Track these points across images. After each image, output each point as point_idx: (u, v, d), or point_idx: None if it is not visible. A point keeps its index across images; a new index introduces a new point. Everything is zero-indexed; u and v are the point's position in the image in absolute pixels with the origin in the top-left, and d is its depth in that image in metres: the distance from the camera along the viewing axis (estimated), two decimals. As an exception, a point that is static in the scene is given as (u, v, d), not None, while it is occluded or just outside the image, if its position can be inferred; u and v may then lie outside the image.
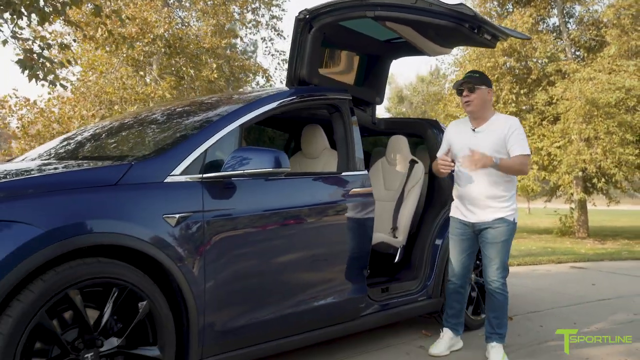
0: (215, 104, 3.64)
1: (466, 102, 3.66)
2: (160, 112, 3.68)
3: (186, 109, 3.64)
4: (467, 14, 3.48)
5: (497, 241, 3.61)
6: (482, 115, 3.68)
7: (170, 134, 3.12)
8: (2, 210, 2.16)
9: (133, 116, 3.82)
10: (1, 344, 2.05)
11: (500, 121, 3.65)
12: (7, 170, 2.66)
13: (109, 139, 3.48)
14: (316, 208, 3.29)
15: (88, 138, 3.63)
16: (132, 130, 3.49)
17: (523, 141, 3.57)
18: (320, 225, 3.32)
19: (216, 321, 2.75)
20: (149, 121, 3.58)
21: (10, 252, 2.09)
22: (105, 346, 2.37)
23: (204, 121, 3.09)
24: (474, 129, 3.69)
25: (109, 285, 2.37)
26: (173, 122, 3.37)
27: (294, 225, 3.16)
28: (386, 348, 3.92)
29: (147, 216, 2.51)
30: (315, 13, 3.99)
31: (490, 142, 3.59)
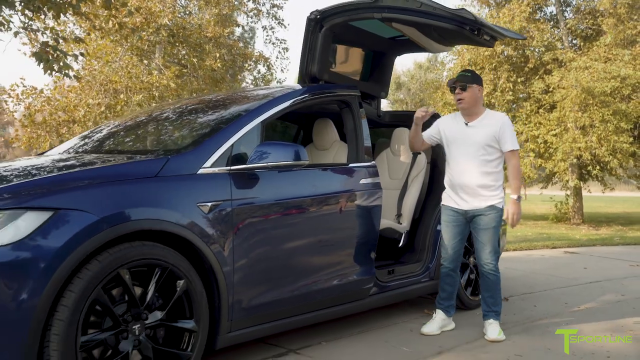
0: (237, 100, 3.94)
1: (459, 100, 3.97)
2: (184, 107, 3.99)
3: (209, 105, 3.94)
4: (468, 18, 3.78)
5: (489, 227, 3.94)
6: (474, 111, 3.99)
7: (199, 130, 3.41)
8: (63, 199, 2.47)
9: (159, 111, 4.12)
10: (67, 314, 2.37)
11: (492, 118, 3.97)
12: (57, 164, 2.97)
13: (140, 133, 3.77)
14: (330, 196, 3.62)
15: (119, 132, 3.93)
16: (162, 125, 3.79)
17: (514, 137, 3.92)
18: (334, 212, 3.64)
19: (243, 298, 3.07)
20: (175, 116, 3.88)
21: (72, 236, 2.40)
22: (149, 319, 2.69)
23: (229, 118, 3.39)
24: (466, 123, 4.00)
25: (152, 265, 2.68)
26: (199, 117, 3.68)
27: (311, 212, 3.49)
28: (392, 325, 4.25)
29: (183, 204, 2.82)
30: (326, 13, 4.28)
31: (482, 136, 3.91)
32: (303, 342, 3.74)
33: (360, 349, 3.68)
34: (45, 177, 2.67)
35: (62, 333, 2.36)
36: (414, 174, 4.84)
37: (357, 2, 4.16)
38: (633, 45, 15.87)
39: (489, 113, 4.00)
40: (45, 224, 2.38)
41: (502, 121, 3.91)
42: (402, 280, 4.27)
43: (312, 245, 3.51)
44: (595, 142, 14.44)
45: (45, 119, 13.46)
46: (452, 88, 4.00)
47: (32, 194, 2.45)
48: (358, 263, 3.79)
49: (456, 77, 3.99)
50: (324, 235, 3.58)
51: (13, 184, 2.55)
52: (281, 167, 3.20)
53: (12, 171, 2.91)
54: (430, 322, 4.13)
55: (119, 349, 2.58)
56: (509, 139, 3.88)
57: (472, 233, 4.07)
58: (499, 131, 3.88)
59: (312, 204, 3.49)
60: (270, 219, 3.23)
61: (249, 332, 3.16)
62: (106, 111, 13.17)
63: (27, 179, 2.66)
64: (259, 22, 17.17)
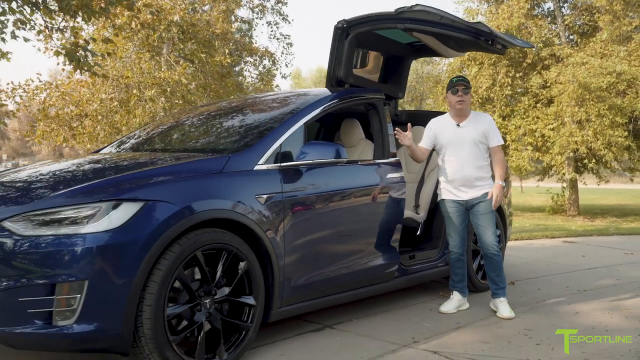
0: (276, 103, 4.40)
1: (459, 101, 4.41)
2: (227, 108, 4.44)
3: (251, 107, 4.39)
4: (484, 30, 4.23)
5: (487, 212, 4.43)
6: (465, 113, 4.46)
7: (251, 131, 3.86)
8: (151, 192, 2.92)
9: (204, 112, 4.57)
10: (156, 289, 2.81)
11: (479, 118, 4.49)
12: (137, 162, 3.42)
13: (194, 134, 4.22)
14: (363, 189, 4.08)
15: (174, 133, 4.38)
16: (213, 126, 4.24)
17: (499, 133, 4.47)
18: (366, 203, 4.10)
19: (291, 278, 3.52)
20: (223, 117, 4.34)
21: (159, 223, 2.85)
22: (218, 295, 3.14)
23: (276, 120, 3.84)
24: (458, 124, 4.45)
25: (220, 249, 3.13)
26: (247, 119, 4.14)
27: (346, 203, 3.95)
28: (412, 306, 4.73)
29: (244, 196, 3.27)
30: (352, 23, 4.72)
31: (472, 135, 4.40)
32: (336, 319, 4.21)
33: (387, 325, 4.15)
34: (133, 173, 3.12)
35: (153, 304, 2.81)
36: (430, 169, 5.30)
37: (382, 13, 4.60)
38: (628, 41, 16.31)
39: (475, 114, 4.50)
40: (137, 213, 2.82)
41: (489, 120, 4.45)
42: (422, 264, 4.74)
43: (347, 232, 3.97)
44: (592, 136, 14.89)
45: (58, 113, 13.84)
46: (454, 90, 4.42)
47: (125, 188, 2.90)
48: (385, 248, 4.25)
49: (457, 80, 4.41)
50: (357, 224, 4.04)
51: (109, 179, 3.00)
52: (323, 164, 3.65)
53: (100, 168, 3.37)
54: (448, 302, 4.60)
55: (194, 320, 3.03)
56: (495, 136, 4.42)
57: (472, 221, 4.53)
58: (487, 129, 4.40)
59: (347, 196, 3.96)
60: (313, 209, 3.69)
61: (295, 308, 3.62)
62: (117, 106, 13.57)
63: (118, 175, 3.10)
64: (263, 17, 17.52)
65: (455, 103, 4.41)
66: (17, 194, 3.03)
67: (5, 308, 2.69)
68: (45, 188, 3.07)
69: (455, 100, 4.39)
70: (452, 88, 4.41)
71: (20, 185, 3.20)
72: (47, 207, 2.80)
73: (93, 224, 2.75)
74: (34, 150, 79.12)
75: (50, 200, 2.84)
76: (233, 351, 3.18)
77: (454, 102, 4.41)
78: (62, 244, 2.70)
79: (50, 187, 3.08)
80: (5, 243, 2.72)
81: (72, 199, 2.83)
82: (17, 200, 2.92)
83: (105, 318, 2.73)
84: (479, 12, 19.39)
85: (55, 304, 2.69)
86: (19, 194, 3.03)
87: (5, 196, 3.03)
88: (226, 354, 3.14)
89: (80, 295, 2.69)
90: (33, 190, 3.06)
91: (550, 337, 3.86)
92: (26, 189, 3.13)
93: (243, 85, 16.89)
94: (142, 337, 2.83)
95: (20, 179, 3.33)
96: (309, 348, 3.58)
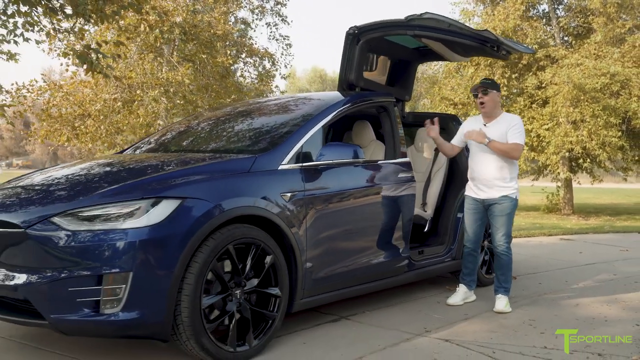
0: (296, 106, 4.63)
1: (481, 103, 4.66)
2: (250, 111, 4.71)
3: (273, 110, 4.64)
4: (490, 38, 4.48)
5: (502, 214, 4.63)
6: (492, 114, 4.68)
7: (273, 132, 4.09)
8: (187, 190, 3.15)
9: (227, 114, 4.81)
10: (193, 280, 3.04)
11: (505, 119, 4.66)
12: (170, 161, 3.65)
13: (219, 134, 4.45)
14: (377, 187, 4.33)
15: (200, 134, 4.61)
16: (237, 127, 4.48)
17: (519, 134, 4.57)
18: (380, 201, 4.35)
19: (313, 271, 3.75)
20: (247, 119, 4.59)
21: (196, 219, 3.08)
22: (247, 286, 3.37)
23: (296, 123, 4.06)
24: (485, 124, 4.69)
25: (249, 244, 3.35)
26: (268, 121, 4.39)
27: (362, 200, 4.19)
28: (420, 299, 4.97)
29: (271, 194, 3.50)
30: (363, 29, 4.93)
31: (496, 134, 4.60)
32: (350, 311, 4.44)
33: (399, 316, 4.39)
34: (170, 172, 3.35)
35: (191, 294, 3.03)
36: (436, 169, 5.54)
37: (393, 21, 4.82)
38: (622, 43, 16.62)
39: (504, 115, 4.68)
40: (176, 210, 3.05)
41: (513, 121, 4.60)
42: (430, 259, 4.98)
43: (362, 228, 4.21)
44: (586, 136, 15.17)
45: (61, 113, 14.02)
46: (475, 93, 4.68)
47: (164, 186, 3.13)
48: (398, 244, 4.49)
49: (479, 83, 4.68)
50: (372, 220, 4.29)
51: (148, 178, 3.24)
52: (342, 164, 3.89)
53: (136, 167, 3.60)
54: (454, 295, 4.85)
55: (226, 310, 3.26)
56: (514, 134, 4.53)
57: (488, 219, 4.77)
58: (508, 128, 4.57)
59: (363, 194, 4.20)
60: (332, 206, 3.92)
61: (316, 299, 3.85)
62: (120, 106, 13.76)
63: (156, 174, 3.32)
64: (263, 18, 17.71)
65: (478, 105, 4.67)
66: (63, 192, 3.25)
67: (57, 297, 2.91)
68: (89, 186, 3.29)
69: (478, 103, 4.65)
70: (474, 91, 4.65)
71: (64, 184, 3.43)
72: (93, 204, 3.02)
73: (136, 219, 2.97)
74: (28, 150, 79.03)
75: (95, 198, 3.06)
76: (261, 338, 3.41)
77: (477, 104, 4.66)
78: (108, 238, 2.92)
79: (93, 185, 3.30)
80: (55, 237, 2.95)
81: (116, 196, 3.06)
82: (64, 198, 3.15)
83: (148, 307, 2.95)
84: (474, 13, 19.68)
85: (102, 294, 2.91)
86: (65, 192, 3.25)
87: (53, 194, 3.26)
88: (255, 341, 3.37)
89: (125, 285, 2.91)
90: (77, 188, 3.28)
91: (554, 326, 4.11)
92: (70, 187, 3.35)
93: (242, 85, 17.08)
94: (180, 324, 3.06)
95: (62, 178, 3.55)
96: (328, 337, 3.81)
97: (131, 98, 13.58)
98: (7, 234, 3.08)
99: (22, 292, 2.97)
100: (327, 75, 64.57)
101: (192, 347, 3.11)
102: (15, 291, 3.00)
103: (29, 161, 74.43)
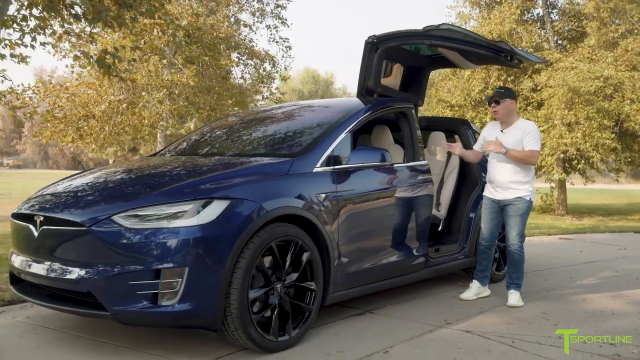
0: (322, 112, 4.90)
1: (494, 112, 4.95)
2: (277, 116, 4.98)
3: (300, 116, 4.92)
4: (506, 48, 4.77)
5: (516, 214, 4.92)
6: (508, 120, 4.96)
7: (306, 137, 4.34)
8: (235, 191, 3.40)
9: (256, 119, 5.10)
10: (242, 274, 3.29)
11: (521, 125, 4.94)
12: (215, 164, 3.91)
13: (253, 139, 4.70)
14: (400, 189, 4.60)
15: (232, 137, 4.87)
16: (269, 132, 4.75)
17: (534, 140, 4.84)
18: (403, 201, 4.62)
19: (343, 267, 4.02)
20: (277, 124, 4.88)
21: (244, 218, 3.33)
22: (287, 280, 3.63)
23: (327, 128, 4.31)
24: (502, 130, 4.98)
25: (289, 241, 3.61)
26: (299, 126, 4.70)
27: (387, 201, 4.46)
28: (437, 294, 5.25)
29: (307, 195, 3.76)
30: (382, 38, 5.20)
31: (512, 140, 4.88)
32: (373, 305, 4.71)
33: (419, 309, 4.66)
34: (217, 174, 3.60)
35: (239, 288, 3.28)
36: (449, 171, 5.82)
37: (411, 31, 5.10)
38: (615, 47, 17.02)
39: (520, 122, 4.96)
40: (226, 210, 3.30)
41: (529, 128, 4.87)
42: (445, 257, 5.26)
43: (387, 227, 4.49)
44: (580, 138, 15.54)
45: (66, 115, 14.20)
46: (488, 102, 4.97)
47: (214, 188, 3.39)
48: (418, 242, 4.77)
49: (493, 93, 4.96)
50: (394, 219, 4.56)
51: (199, 180, 3.49)
52: (370, 167, 4.16)
53: (183, 169, 3.85)
54: (468, 290, 5.14)
55: (269, 302, 3.51)
56: (530, 141, 4.81)
57: (503, 219, 5.05)
58: (524, 135, 4.85)
59: (387, 195, 4.48)
60: (360, 206, 4.19)
61: (345, 293, 4.12)
62: (125, 107, 13.96)
63: (204, 177, 3.57)
64: (263, 21, 17.95)
65: (492, 113, 4.98)
66: (120, 193, 3.50)
67: (118, 290, 3.16)
68: (143, 187, 3.53)
69: (492, 111, 4.95)
70: (488, 100, 4.96)
71: (118, 185, 3.69)
72: (150, 204, 3.27)
73: (189, 218, 3.22)
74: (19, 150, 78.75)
75: (151, 198, 3.31)
76: (299, 329, 3.67)
77: (492, 112, 4.96)
78: (165, 236, 3.18)
79: (147, 186, 3.54)
80: (115, 235, 3.19)
81: (170, 197, 3.31)
82: (122, 198, 3.40)
83: (202, 299, 3.20)
84: (470, 16, 20.03)
85: (160, 287, 3.16)
86: (122, 193, 3.49)
87: (110, 194, 3.51)
88: (294, 331, 3.63)
89: (181, 279, 3.16)
90: (133, 190, 3.52)
91: (565, 319, 4.40)
92: (125, 188, 3.59)
93: (243, 87, 17.31)
94: (228, 316, 3.31)
95: (113, 180, 3.82)
96: (356, 329, 4.08)
97: (135, 99, 13.78)
98: (68, 232, 3.33)
99: (84, 286, 3.21)
100: (320, 75, 64.87)
101: (239, 337, 3.36)
102: (77, 284, 3.24)
103: (20, 161, 74.21)
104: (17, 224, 3.77)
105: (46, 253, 3.45)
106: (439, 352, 3.63)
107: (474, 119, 17.76)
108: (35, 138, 14.79)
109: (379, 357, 3.49)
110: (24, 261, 3.59)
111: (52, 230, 3.42)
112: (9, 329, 3.95)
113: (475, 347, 3.72)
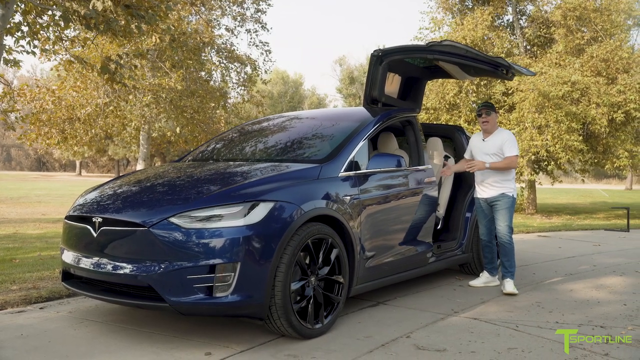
0: (341, 120, 5.31)
1: (484, 122, 5.50)
2: (297, 124, 5.44)
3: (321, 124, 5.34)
4: (504, 64, 5.27)
5: (502, 208, 5.50)
6: (491, 131, 5.54)
7: (330, 144, 4.75)
8: (278, 194, 3.80)
9: (278, 127, 5.52)
10: (285, 269, 3.68)
11: (500, 134, 5.56)
12: (255, 170, 4.29)
13: (280, 146, 5.09)
14: (411, 191, 5.07)
15: (261, 143, 5.27)
16: (294, 139, 5.15)
17: (512, 146, 5.49)
18: (413, 202, 5.09)
19: (365, 261, 4.45)
20: (300, 132, 5.30)
21: (287, 219, 3.73)
22: (319, 274, 4.04)
23: (348, 136, 4.74)
24: (484, 139, 5.54)
25: (321, 239, 4.02)
26: (321, 133, 5.09)
27: (400, 202, 4.92)
28: (439, 287, 5.72)
29: (335, 197, 4.18)
30: (387, 52, 5.65)
31: (493, 147, 5.51)
32: (384, 297, 5.15)
33: (427, 300, 5.12)
34: (260, 179, 3.98)
35: (283, 280, 3.68)
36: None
37: (415, 46, 5.58)
38: (581, 53, 17.84)
39: (499, 131, 5.57)
40: (271, 211, 3.69)
41: (506, 136, 5.52)
42: (446, 252, 5.75)
43: (401, 225, 4.96)
44: (550, 140, 16.28)
45: (50, 117, 14.30)
46: (479, 113, 5.50)
47: (260, 191, 3.78)
48: (424, 238, 5.25)
49: (482, 105, 5.50)
50: (408, 218, 5.03)
51: (245, 184, 3.88)
52: (388, 172, 4.62)
53: (227, 174, 4.23)
54: (477, 279, 5.80)
55: (305, 294, 3.92)
56: (508, 148, 5.48)
57: (493, 214, 5.60)
58: (503, 143, 5.48)
59: (401, 197, 4.94)
60: (377, 207, 4.63)
61: (365, 286, 4.55)
62: (111, 111, 14.13)
63: (248, 181, 3.96)
64: (244, 25, 18.26)
65: (481, 124, 5.54)
66: (174, 196, 3.85)
67: (176, 284, 3.52)
68: (193, 191, 3.89)
69: (481, 122, 5.52)
70: (478, 112, 5.48)
71: (169, 188, 4.05)
72: (203, 206, 3.64)
73: (239, 219, 3.61)
74: None
75: (205, 201, 3.69)
76: (330, 318, 4.09)
77: (480, 122, 5.53)
78: (218, 235, 3.55)
79: (198, 190, 3.90)
80: (173, 234, 3.56)
81: (222, 199, 3.69)
82: (176, 201, 3.75)
83: (252, 291, 3.59)
84: (444, 22, 20.68)
85: (215, 280, 3.53)
86: (175, 196, 3.84)
87: (164, 197, 3.87)
88: (326, 319, 4.04)
89: (234, 273, 3.54)
90: (186, 193, 3.87)
91: (559, 307, 4.92)
92: (177, 191, 3.94)
93: (223, 89, 17.60)
94: (273, 306, 3.70)
95: (162, 183, 4.19)
96: (375, 318, 4.51)
97: (126, 101, 13.96)
98: (129, 232, 3.67)
99: (144, 280, 3.57)
100: (289, 77, 65.16)
101: (282, 324, 3.75)
102: (137, 279, 3.60)
103: None
104: (73, 225, 4.10)
105: (105, 251, 3.79)
106: (454, 335, 4.08)
107: (448, 121, 18.38)
108: (19, 141, 14.82)
109: (403, 341, 3.93)
110: (81, 259, 3.92)
111: (112, 230, 3.76)
112: (59, 322, 4.26)
113: (485, 331, 4.19)
